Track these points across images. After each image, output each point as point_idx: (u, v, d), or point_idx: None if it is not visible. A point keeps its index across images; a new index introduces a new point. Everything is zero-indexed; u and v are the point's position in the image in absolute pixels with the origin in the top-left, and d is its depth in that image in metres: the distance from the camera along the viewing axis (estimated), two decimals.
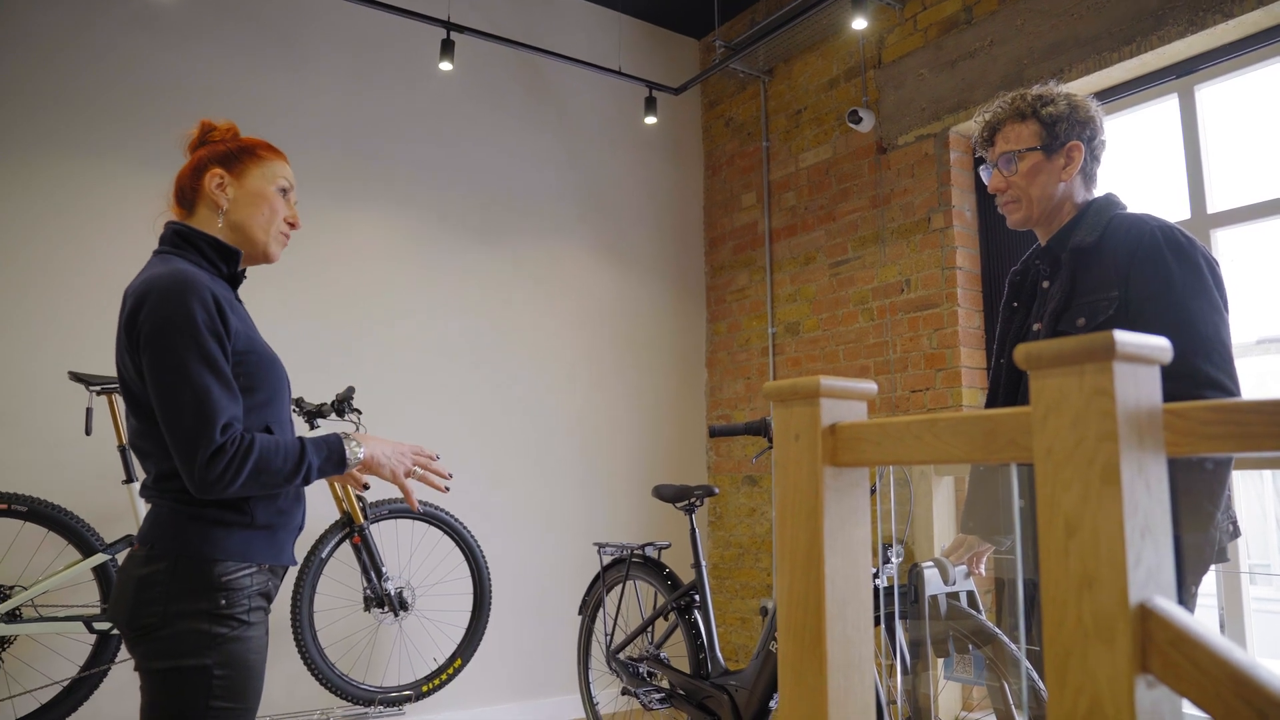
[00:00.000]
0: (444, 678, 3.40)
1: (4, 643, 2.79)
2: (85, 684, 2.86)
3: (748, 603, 4.47)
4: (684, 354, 4.85)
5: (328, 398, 3.53)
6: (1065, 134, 1.77)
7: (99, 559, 2.87)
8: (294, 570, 3.18)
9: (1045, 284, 1.80)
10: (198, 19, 3.60)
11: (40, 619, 2.80)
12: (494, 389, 4.16)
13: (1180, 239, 1.63)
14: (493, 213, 4.26)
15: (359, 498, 3.23)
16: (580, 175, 4.59)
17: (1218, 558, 1.52)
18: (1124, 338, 0.79)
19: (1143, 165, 3.39)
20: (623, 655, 3.10)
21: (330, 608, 3.48)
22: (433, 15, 3.92)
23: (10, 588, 2.80)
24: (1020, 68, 3.44)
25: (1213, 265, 1.63)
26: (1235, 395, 1.53)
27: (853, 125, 3.95)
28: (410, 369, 3.92)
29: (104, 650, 2.88)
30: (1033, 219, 1.82)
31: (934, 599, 1.93)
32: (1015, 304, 1.90)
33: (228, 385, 1.37)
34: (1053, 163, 1.77)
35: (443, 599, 3.79)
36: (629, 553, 3.12)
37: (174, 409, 1.33)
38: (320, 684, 3.14)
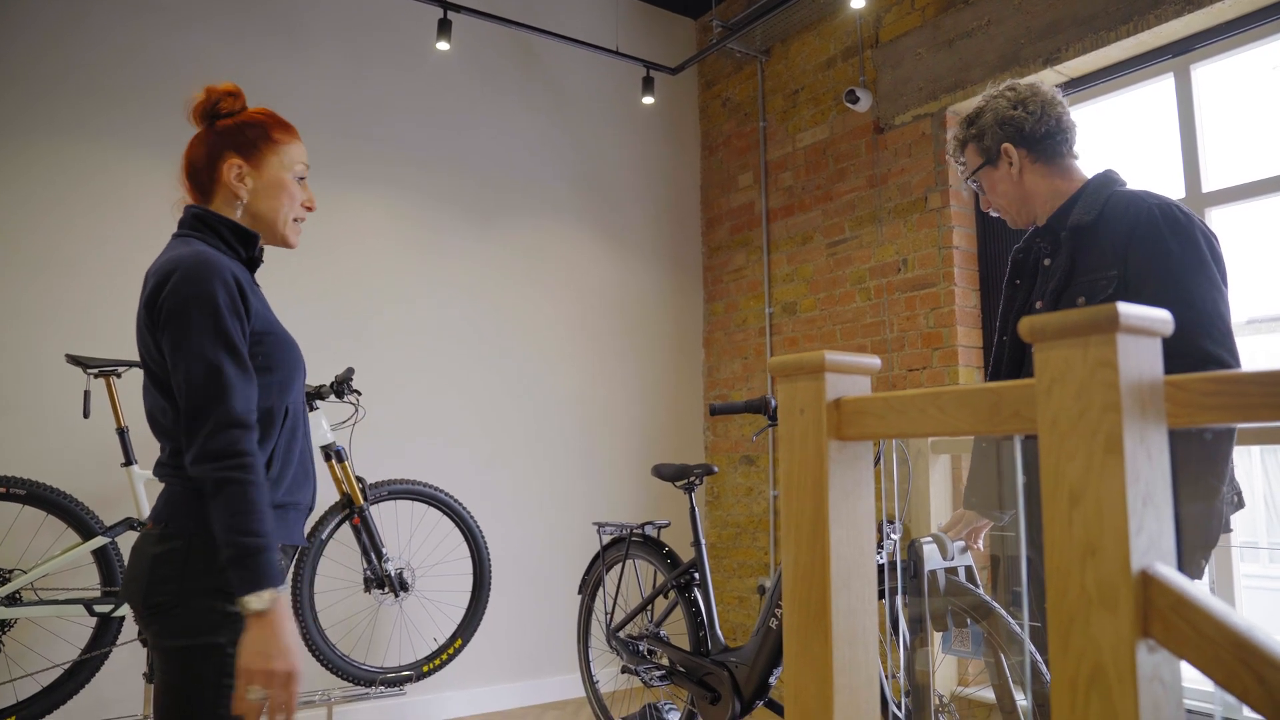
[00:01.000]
0: (444, 658, 3.43)
1: (4, 626, 2.80)
2: (86, 667, 2.87)
3: (745, 581, 4.51)
4: (681, 334, 4.86)
5: (326, 379, 3.53)
6: (993, 141, 1.88)
7: (98, 542, 2.88)
8: None
9: (1046, 262, 1.81)
10: (194, 2, 3.57)
11: (40, 602, 2.81)
12: (492, 369, 4.17)
13: (1178, 215, 1.64)
14: (490, 194, 4.26)
15: (358, 478, 3.24)
16: (577, 156, 4.58)
17: (1223, 527, 1.54)
18: (1127, 310, 0.80)
19: (1139, 144, 3.39)
20: (623, 634, 3.13)
21: (330, 589, 3.50)
22: None
23: (10, 571, 2.80)
24: (1017, 47, 3.43)
25: (1211, 241, 1.64)
26: (1236, 369, 1.54)
27: (850, 105, 3.95)
28: (408, 350, 3.92)
29: (105, 633, 2.89)
30: (1021, 219, 1.94)
31: (933, 574, 1.95)
32: (1017, 281, 1.91)
33: (244, 367, 1.37)
34: (1000, 170, 1.89)
35: (442, 579, 3.81)
36: (629, 532, 3.13)
37: (189, 381, 1.33)
38: (321, 665, 3.16)
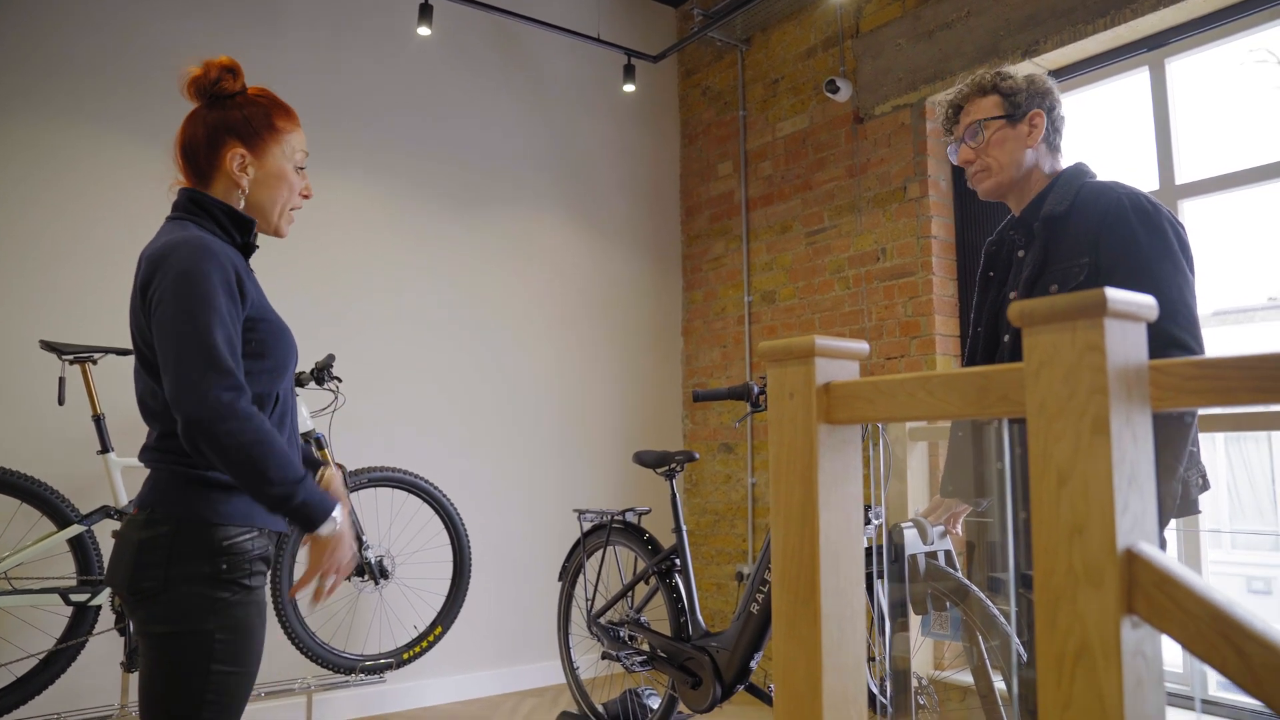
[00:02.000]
0: (424, 645, 3.43)
1: None
2: (62, 656, 2.84)
3: (723, 568, 4.54)
4: (660, 322, 4.87)
5: (306, 366, 3.51)
6: (1026, 103, 1.86)
7: (74, 530, 2.84)
8: None
9: (1020, 253, 1.84)
10: None
11: (15, 591, 2.77)
12: (471, 356, 4.16)
13: (1146, 205, 1.68)
14: (470, 181, 4.24)
15: (339, 465, 3.22)
16: (558, 144, 4.57)
17: (1189, 509, 1.58)
18: (1115, 295, 0.82)
19: (1114, 136, 3.44)
20: (603, 620, 3.14)
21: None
22: None
23: None
24: (996, 39, 3.47)
25: (1178, 230, 1.68)
26: (1200, 355, 1.58)
27: (830, 95, 3.96)
28: (387, 337, 3.91)
29: (81, 622, 2.87)
30: (1003, 186, 1.88)
31: (913, 558, 1.98)
32: (991, 273, 1.94)
33: (233, 347, 1.36)
34: (1017, 130, 1.86)
35: (423, 567, 3.80)
36: (609, 519, 3.15)
37: (178, 349, 1.31)
38: (301, 653, 3.15)
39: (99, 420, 2.93)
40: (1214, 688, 2.85)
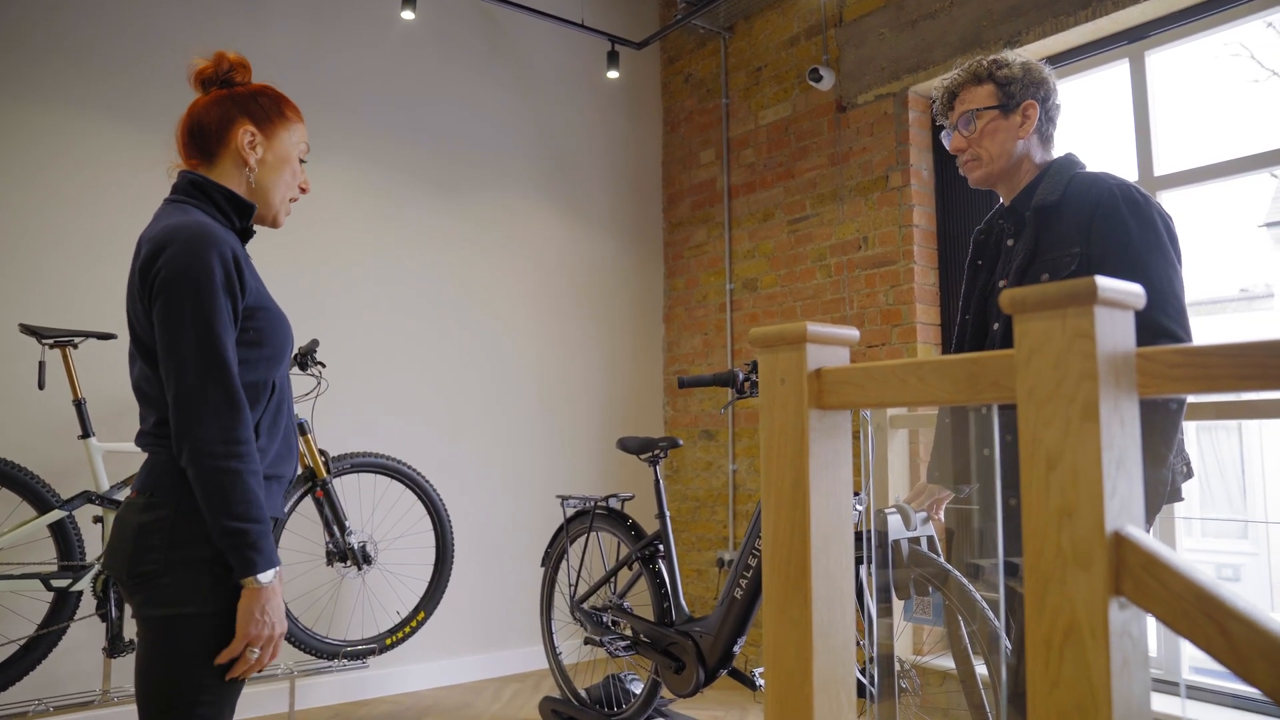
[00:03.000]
0: (407, 630, 3.43)
1: None
2: (43, 642, 2.83)
3: (704, 555, 4.57)
4: (642, 309, 4.88)
5: None
6: (1020, 94, 1.87)
7: (55, 515, 2.82)
8: None
9: (1010, 242, 1.86)
10: None
11: None
12: (454, 343, 4.15)
13: (1137, 196, 1.71)
14: (453, 167, 4.22)
15: (321, 451, 3.22)
16: (540, 130, 4.55)
17: (1172, 497, 1.61)
18: (1105, 283, 0.84)
19: (1094, 127, 3.48)
20: (586, 605, 3.16)
21: (293, 562, 3.47)
22: None
23: None
24: (979, 29, 3.49)
25: (1167, 221, 1.70)
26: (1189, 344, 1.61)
27: (813, 83, 3.97)
28: (370, 323, 3.89)
29: (62, 608, 2.85)
30: (993, 176, 1.90)
31: (896, 543, 2.00)
32: (979, 262, 1.96)
33: (231, 349, 1.36)
34: (1009, 121, 1.87)
35: (405, 552, 3.80)
36: (593, 505, 3.16)
37: (178, 361, 1.32)
38: (284, 638, 3.14)
39: (80, 405, 2.90)
40: (1187, 671, 2.91)
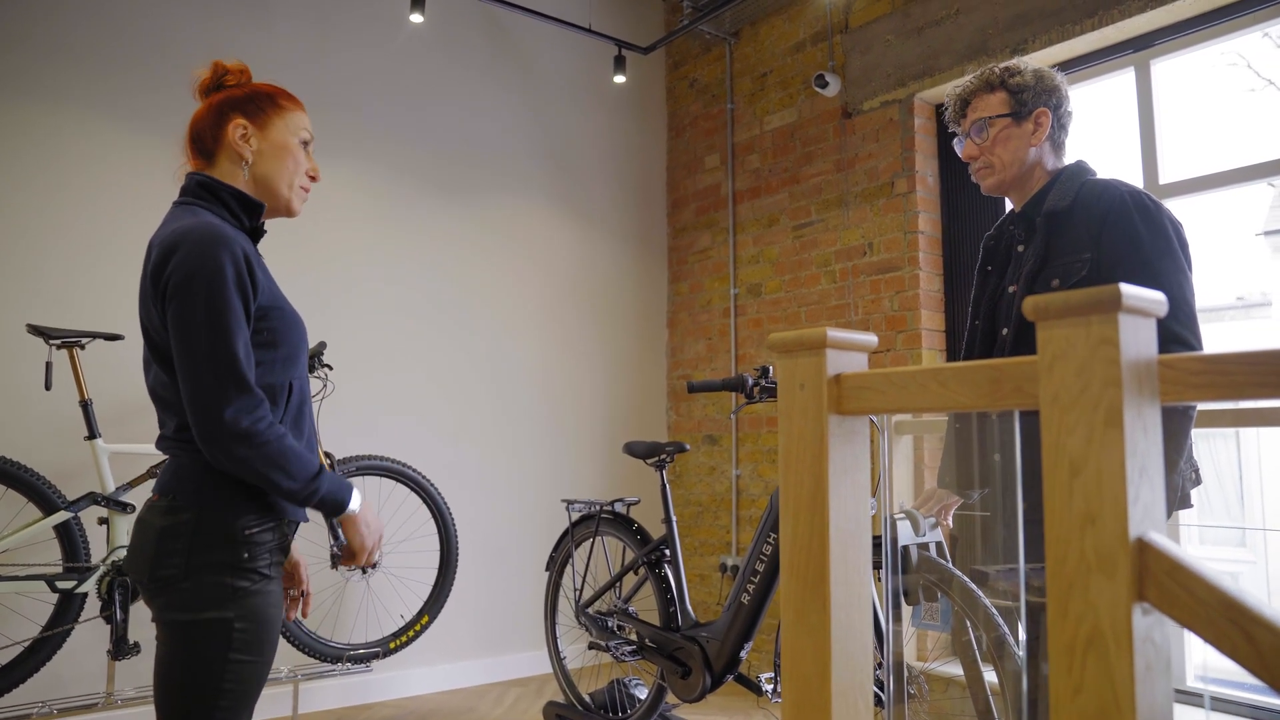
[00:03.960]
0: (411, 634, 3.43)
1: None
2: (47, 644, 2.82)
3: (707, 559, 4.57)
4: (645, 314, 4.88)
5: None
6: (1032, 101, 1.88)
7: (61, 516, 2.82)
8: None
9: (1020, 248, 1.87)
10: None
11: (0, 578, 2.75)
12: (459, 345, 4.15)
13: (1148, 203, 1.72)
14: (457, 170, 4.22)
15: (327, 454, 3.22)
16: (545, 134, 4.56)
17: (1182, 504, 1.62)
18: (1129, 291, 0.84)
19: (1100, 136, 3.49)
20: (591, 610, 3.16)
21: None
22: None
23: None
24: (985, 37, 3.50)
25: (1178, 228, 1.71)
26: (1200, 351, 1.62)
27: (819, 89, 3.99)
28: (375, 325, 3.89)
29: (67, 610, 2.84)
30: (1005, 183, 1.91)
31: (905, 549, 2.01)
32: (989, 268, 1.96)
33: (248, 350, 1.36)
34: (1021, 128, 1.88)
35: (410, 556, 3.80)
36: (598, 509, 3.16)
37: (194, 362, 1.32)
38: (287, 641, 3.14)
39: (86, 406, 2.90)
40: (1191, 679, 2.91)
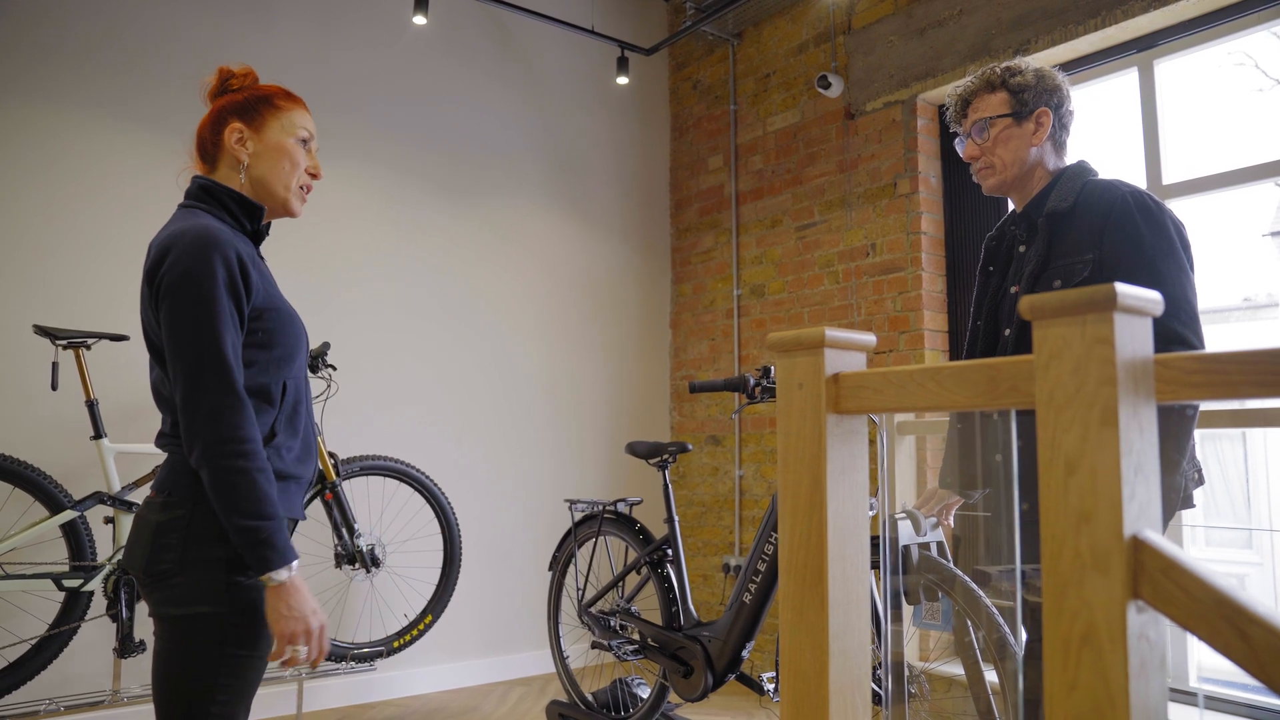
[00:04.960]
0: (415, 634, 3.44)
1: None
2: (54, 642, 2.84)
3: (710, 560, 4.57)
4: (648, 315, 4.89)
5: None
6: (1033, 101, 1.88)
7: (67, 516, 2.84)
8: None
9: (1022, 248, 1.87)
10: None
11: (7, 576, 2.76)
12: (463, 346, 4.16)
13: (1150, 203, 1.72)
14: (462, 171, 4.24)
15: (330, 454, 3.23)
16: (548, 135, 4.57)
17: (1184, 504, 1.62)
18: (1125, 290, 0.85)
19: (1103, 136, 3.49)
20: (594, 609, 3.17)
21: (301, 564, 3.48)
22: None
23: None
24: (988, 37, 3.50)
25: (1179, 228, 1.71)
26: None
27: (822, 90, 3.99)
28: (379, 325, 3.90)
29: (73, 608, 2.86)
30: (1006, 184, 1.91)
31: (906, 549, 2.01)
32: (991, 268, 1.97)
33: (237, 351, 1.37)
34: (1022, 129, 1.88)
35: (413, 555, 3.81)
36: (601, 509, 3.17)
37: (183, 363, 1.33)
38: None
39: (92, 405, 2.92)
40: (1194, 680, 2.91)
